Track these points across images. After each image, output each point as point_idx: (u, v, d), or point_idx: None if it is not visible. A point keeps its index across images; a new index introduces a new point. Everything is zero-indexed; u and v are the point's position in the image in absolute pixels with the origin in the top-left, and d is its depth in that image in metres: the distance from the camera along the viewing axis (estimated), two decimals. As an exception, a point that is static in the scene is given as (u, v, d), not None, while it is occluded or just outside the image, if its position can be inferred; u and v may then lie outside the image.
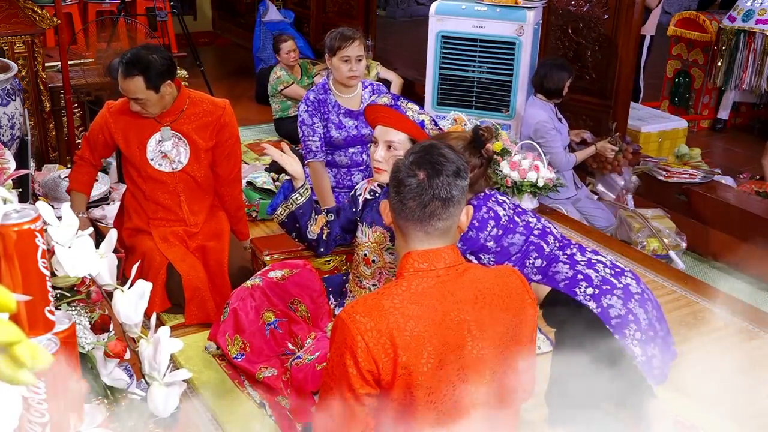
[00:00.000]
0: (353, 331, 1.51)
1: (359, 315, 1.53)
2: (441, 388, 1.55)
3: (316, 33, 7.39)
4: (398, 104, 2.51)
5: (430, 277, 1.60)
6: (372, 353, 1.50)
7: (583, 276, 2.46)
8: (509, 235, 2.53)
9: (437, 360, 1.53)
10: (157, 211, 3.24)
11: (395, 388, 1.52)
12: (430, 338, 1.53)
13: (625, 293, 2.42)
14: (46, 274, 1.13)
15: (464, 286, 1.61)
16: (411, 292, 1.57)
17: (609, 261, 2.57)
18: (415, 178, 1.62)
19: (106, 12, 7.16)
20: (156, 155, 3.18)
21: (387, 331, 1.50)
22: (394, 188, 1.65)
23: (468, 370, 1.57)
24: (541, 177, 4.39)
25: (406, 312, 1.53)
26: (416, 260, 1.62)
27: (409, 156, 1.67)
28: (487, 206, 2.52)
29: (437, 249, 1.62)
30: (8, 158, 2.17)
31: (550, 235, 2.58)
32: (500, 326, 1.62)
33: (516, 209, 2.60)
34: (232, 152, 3.32)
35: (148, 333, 1.55)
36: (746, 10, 5.77)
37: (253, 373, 2.77)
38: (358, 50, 3.45)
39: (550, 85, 4.49)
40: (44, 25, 4.06)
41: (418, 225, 1.62)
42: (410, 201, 1.61)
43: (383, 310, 1.53)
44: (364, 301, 1.58)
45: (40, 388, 1.12)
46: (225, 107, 3.24)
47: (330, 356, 1.58)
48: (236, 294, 2.89)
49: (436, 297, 1.57)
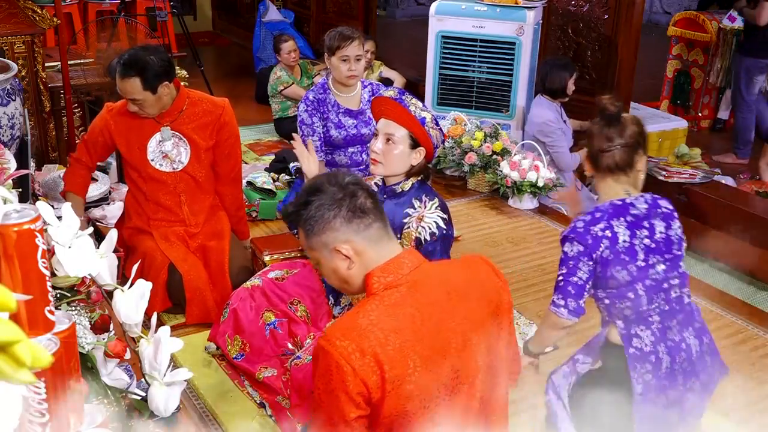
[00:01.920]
0: (336, 356, 1.47)
1: (339, 339, 1.49)
2: (434, 393, 1.54)
3: (316, 33, 7.39)
4: (402, 98, 2.52)
5: (400, 285, 1.57)
6: (359, 375, 1.46)
7: (655, 360, 2.19)
8: (615, 267, 2.16)
9: (425, 366, 1.51)
10: (158, 211, 3.24)
11: (386, 404, 1.49)
12: (413, 347, 1.51)
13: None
14: (46, 274, 1.13)
15: (434, 285, 1.59)
16: (385, 305, 1.54)
17: (696, 344, 2.25)
18: (345, 186, 1.63)
19: (106, 12, 7.16)
20: (156, 155, 3.19)
21: (370, 350, 1.47)
22: (343, 206, 1.61)
23: (458, 367, 1.57)
24: (541, 177, 4.39)
25: (385, 326, 1.50)
26: (381, 276, 1.59)
27: (322, 188, 1.63)
28: (608, 222, 2.17)
29: (396, 257, 1.60)
30: (8, 158, 2.17)
31: (662, 293, 2.20)
32: (479, 315, 1.61)
33: (650, 239, 2.18)
34: (232, 151, 3.32)
35: (148, 333, 1.55)
36: (746, 10, 5.76)
37: (253, 373, 2.77)
38: (357, 50, 3.46)
39: (550, 85, 4.49)
40: (44, 25, 4.06)
41: (382, 223, 1.62)
42: (359, 199, 1.61)
43: (362, 330, 1.49)
44: (340, 324, 1.54)
45: (40, 388, 1.12)
46: (224, 106, 3.24)
47: (316, 386, 1.54)
48: (236, 294, 2.89)
49: (411, 304, 1.55)
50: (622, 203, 2.19)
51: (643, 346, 2.20)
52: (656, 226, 2.19)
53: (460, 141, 4.76)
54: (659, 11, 10.26)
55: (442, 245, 2.54)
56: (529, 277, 3.76)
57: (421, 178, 2.62)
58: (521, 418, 2.74)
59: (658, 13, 10.23)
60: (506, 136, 4.83)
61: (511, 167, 4.46)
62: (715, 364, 2.31)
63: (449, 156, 4.79)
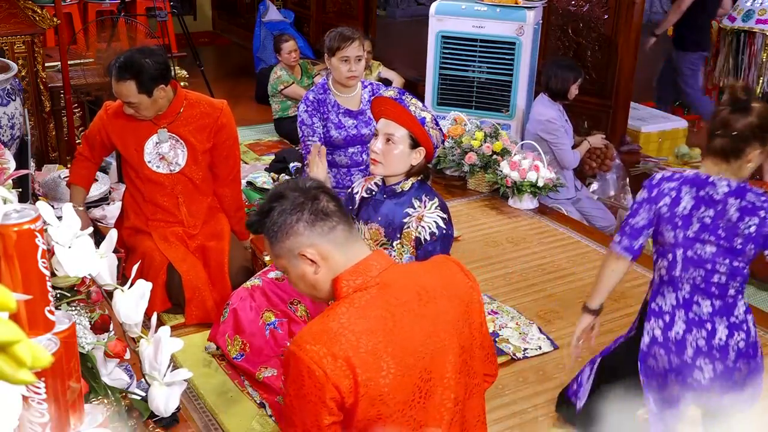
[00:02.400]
0: (307, 361, 1.45)
1: (309, 344, 1.47)
2: (407, 395, 1.52)
3: (316, 33, 7.39)
4: (402, 98, 2.52)
5: (370, 287, 1.55)
6: (332, 379, 1.44)
7: (669, 321, 2.32)
8: (667, 225, 2.29)
9: (398, 368, 1.50)
10: (156, 212, 3.24)
11: (360, 408, 1.47)
12: (386, 348, 1.49)
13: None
14: (46, 274, 1.13)
15: (404, 286, 1.58)
16: (355, 307, 1.52)
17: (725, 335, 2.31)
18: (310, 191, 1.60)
19: (106, 12, 7.15)
20: (153, 157, 3.18)
21: (342, 353, 1.45)
22: (298, 212, 1.58)
23: (431, 367, 1.55)
24: (541, 177, 4.39)
25: (356, 329, 1.48)
26: (349, 279, 1.56)
27: (274, 200, 1.61)
28: (679, 186, 2.28)
29: (364, 260, 1.58)
30: (8, 158, 2.17)
31: (701, 271, 2.28)
32: (450, 315, 1.60)
33: (712, 220, 2.25)
34: (231, 153, 3.31)
35: (148, 333, 1.55)
36: (746, 10, 5.76)
37: (253, 374, 2.77)
38: (357, 50, 3.45)
39: (553, 86, 4.47)
40: (44, 25, 4.06)
41: (346, 225, 1.59)
42: (322, 202, 1.58)
43: (333, 333, 1.47)
44: (310, 329, 1.51)
45: (40, 388, 1.12)
46: (222, 108, 3.23)
47: (287, 392, 1.52)
48: (236, 294, 2.89)
49: (381, 306, 1.53)
50: (705, 179, 2.26)
51: (663, 305, 2.35)
52: (727, 213, 2.23)
53: (460, 141, 4.76)
54: (659, 11, 10.26)
55: (442, 245, 2.54)
56: (529, 277, 3.76)
57: (421, 178, 2.62)
58: (521, 419, 2.74)
59: (658, 13, 10.22)
60: (506, 136, 4.82)
61: (511, 167, 4.46)
62: (748, 374, 2.31)
63: (449, 156, 4.79)
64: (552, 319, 3.38)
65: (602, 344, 3.09)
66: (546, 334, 3.24)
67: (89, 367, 1.49)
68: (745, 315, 2.34)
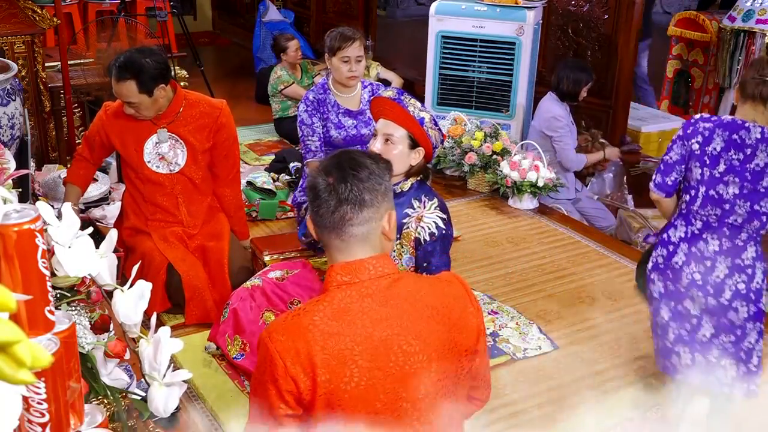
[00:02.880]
0: (272, 350, 1.46)
1: (278, 334, 1.47)
2: (372, 409, 1.48)
3: (316, 33, 7.39)
4: (401, 98, 2.52)
5: (354, 291, 1.50)
6: (290, 373, 1.44)
7: (672, 250, 2.53)
8: (695, 162, 2.44)
9: (364, 378, 1.46)
10: (156, 212, 3.24)
11: (317, 408, 1.46)
12: (353, 356, 1.45)
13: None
14: (46, 274, 1.12)
15: (392, 298, 1.51)
16: (333, 308, 1.49)
17: (724, 272, 2.46)
18: (324, 182, 1.53)
19: (106, 12, 7.15)
20: (153, 157, 3.18)
21: (305, 350, 1.44)
22: (309, 197, 1.57)
23: (401, 386, 1.49)
24: (541, 177, 4.39)
25: (326, 329, 1.46)
26: (339, 273, 1.52)
27: (321, 163, 1.59)
28: (713, 127, 2.42)
29: (360, 260, 1.52)
30: (8, 158, 2.17)
31: (718, 210, 2.44)
32: (435, 338, 1.52)
33: (740, 163, 2.40)
34: (230, 153, 3.32)
35: (148, 333, 1.55)
36: (746, 10, 5.76)
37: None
38: (358, 51, 3.46)
39: (564, 87, 4.44)
40: (44, 25, 4.06)
41: (333, 232, 1.53)
42: (321, 207, 1.52)
43: (302, 328, 1.46)
44: (284, 319, 1.51)
45: (40, 388, 1.12)
46: (222, 108, 3.23)
47: (254, 375, 1.55)
48: (236, 294, 2.89)
49: (360, 313, 1.48)
50: (740, 123, 2.41)
51: (672, 235, 2.54)
52: (756, 158, 2.38)
53: (460, 141, 4.76)
54: (659, 11, 10.26)
55: (442, 245, 2.54)
56: (529, 277, 3.76)
57: (421, 178, 2.62)
58: (521, 419, 2.74)
59: (658, 13, 10.22)
60: (506, 136, 4.82)
61: (511, 167, 4.46)
62: (747, 318, 2.46)
63: (449, 156, 4.79)
64: (552, 319, 3.38)
65: (603, 344, 3.09)
66: (546, 334, 3.24)
67: (89, 367, 1.49)
68: (753, 261, 2.46)
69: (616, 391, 2.89)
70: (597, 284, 3.69)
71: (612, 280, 3.73)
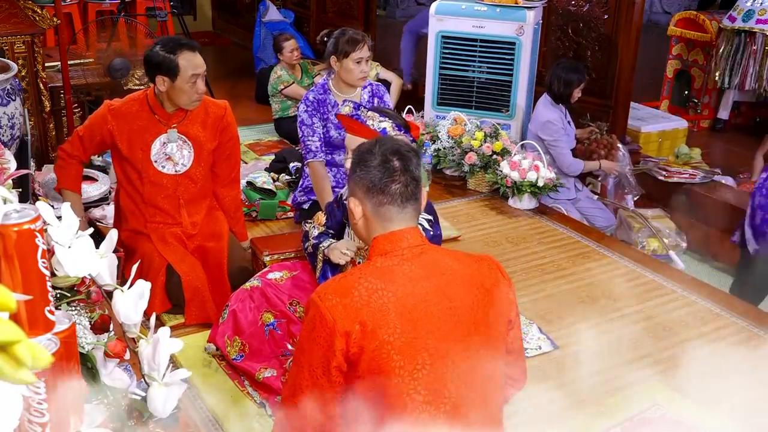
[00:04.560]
0: (322, 308, 1.59)
1: (327, 293, 1.62)
2: (412, 362, 1.59)
3: (316, 33, 7.38)
4: (359, 113, 2.56)
5: (395, 256, 1.68)
6: (339, 328, 1.56)
7: None
8: None
9: (406, 332, 1.58)
10: (155, 215, 3.21)
11: (363, 359, 1.57)
12: (396, 309, 1.59)
13: None
14: (46, 274, 1.13)
15: (428, 264, 1.68)
16: (375, 268, 1.67)
17: None
18: (398, 161, 1.73)
19: (106, 12, 7.16)
20: (160, 157, 3.16)
21: (353, 305, 1.58)
22: (378, 173, 1.72)
23: (440, 343, 1.61)
24: (541, 177, 4.39)
25: (370, 286, 1.61)
26: (382, 244, 1.71)
27: (374, 148, 1.76)
28: None
29: (399, 231, 1.72)
30: (8, 158, 2.17)
31: None
32: (469, 300, 1.66)
33: None
34: (233, 153, 3.32)
35: (147, 333, 1.55)
36: (746, 10, 5.76)
37: (252, 374, 2.77)
38: (367, 51, 3.50)
39: (556, 89, 4.46)
40: (44, 25, 4.06)
41: (396, 205, 1.72)
42: (395, 182, 1.71)
43: (348, 287, 1.62)
44: (333, 280, 1.69)
45: (40, 388, 1.12)
46: (226, 108, 3.25)
47: (302, 333, 1.66)
48: (235, 296, 2.89)
49: (401, 273, 1.65)
50: None
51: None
52: None
53: (460, 141, 4.76)
54: (659, 11, 10.26)
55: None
56: (529, 277, 3.76)
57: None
58: (521, 419, 2.74)
59: (658, 13, 10.22)
60: (506, 136, 4.82)
61: (511, 167, 4.46)
62: None
63: (449, 156, 4.79)
64: (552, 319, 3.38)
65: (603, 344, 3.09)
66: (546, 334, 3.24)
67: (89, 367, 1.49)
68: None
69: (616, 391, 2.89)
70: (597, 284, 3.69)
71: (612, 280, 3.73)
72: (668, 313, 3.44)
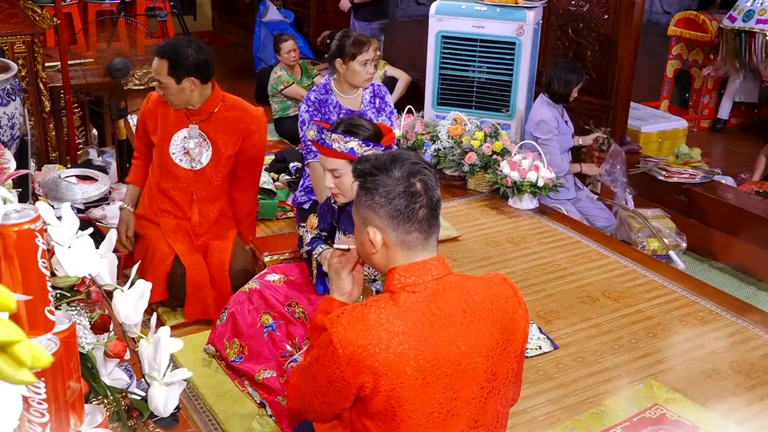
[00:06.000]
0: (336, 341, 1.50)
1: (343, 327, 1.50)
2: (428, 406, 1.53)
3: (316, 33, 7.38)
4: (323, 137, 2.57)
5: (418, 292, 1.55)
6: (351, 366, 1.49)
7: None
8: None
9: (423, 377, 1.51)
10: (166, 204, 3.29)
11: (375, 402, 1.51)
12: (415, 356, 1.50)
13: None
14: (46, 274, 1.13)
15: (452, 299, 1.57)
16: (398, 307, 1.53)
17: None
18: (420, 183, 1.58)
19: (106, 12, 7.16)
20: (178, 150, 3.22)
21: (370, 347, 1.48)
22: (401, 199, 1.56)
23: (456, 385, 1.55)
24: (541, 177, 4.39)
25: (391, 328, 1.50)
26: (402, 275, 1.57)
27: (389, 168, 1.58)
28: None
29: (422, 261, 1.58)
30: (8, 158, 2.17)
31: None
32: (489, 340, 1.58)
33: None
34: (255, 160, 3.34)
35: (148, 333, 1.55)
36: (746, 10, 5.77)
37: (252, 375, 2.77)
38: (372, 53, 3.52)
39: (555, 89, 4.47)
40: (44, 25, 4.06)
41: (422, 232, 1.58)
42: (421, 208, 1.57)
43: (368, 325, 1.50)
44: (351, 311, 1.54)
45: (40, 388, 1.12)
46: (257, 116, 3.27)
47: (312, 352, 1.59)
48: (234, 298, 2.90)
49: (423, 312, 1.53)
50: None
51: None
52: None
53: (460, 141, 4.76)
54: (659, 11, 10.26)
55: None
56: (529, 277, 3.76)
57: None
58: (521, 419, 2.74)
59: (658, 13, 10.22)
60: (506, 136, 4.82)
61: (511, 167, 4.46)
62: None
63: (449, 156, 4.79)
64: (552, 319, 3.38)
65: (603, 344, 3.11)
66: (546, 334, 3.24)
67: (89, 367, 1.49)
68: None
69: (616, 391, 2.89)
70: (597, 284, 3.69)
71: (612, 280, 3.73)
72: (668, 313, 3.44)
